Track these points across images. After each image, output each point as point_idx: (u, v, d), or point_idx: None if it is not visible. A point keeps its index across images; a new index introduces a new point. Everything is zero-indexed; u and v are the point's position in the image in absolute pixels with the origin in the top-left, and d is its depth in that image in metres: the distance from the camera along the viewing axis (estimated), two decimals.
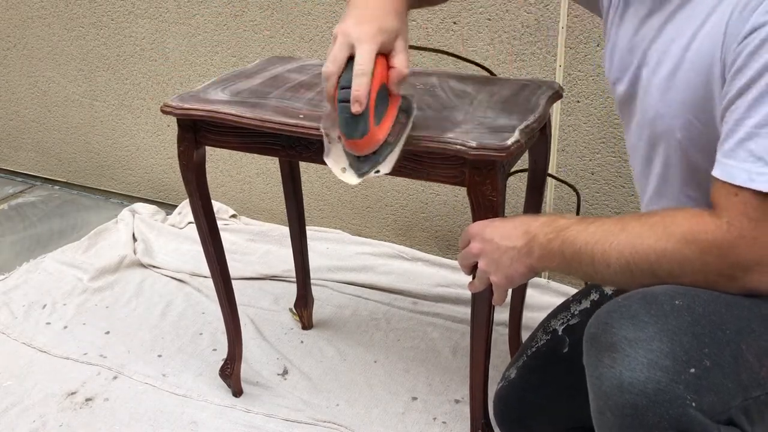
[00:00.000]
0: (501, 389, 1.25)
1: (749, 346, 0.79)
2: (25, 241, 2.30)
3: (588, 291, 1.23)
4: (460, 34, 1.81)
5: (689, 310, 0.80)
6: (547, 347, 1.20)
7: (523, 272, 0.97)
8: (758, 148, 0.74)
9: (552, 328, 1.21)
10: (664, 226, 0.82)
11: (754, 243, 0.76)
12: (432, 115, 1.11)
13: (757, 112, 0.74)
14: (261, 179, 2.29)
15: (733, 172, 0.76)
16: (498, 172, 1.02)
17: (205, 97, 1.23)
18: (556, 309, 1.25)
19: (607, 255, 0.85)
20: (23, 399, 1.57)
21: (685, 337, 0.77)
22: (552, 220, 0.94)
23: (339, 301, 1.91)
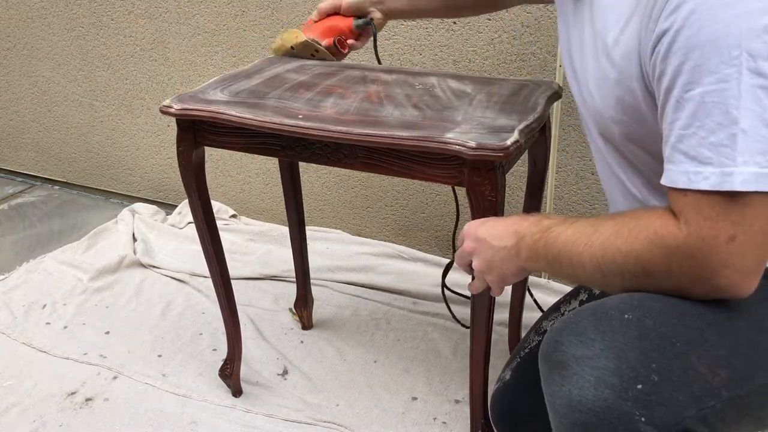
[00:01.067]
0: (496, 391, 1.25)
1: (701, 357, 0.79)
2: (25, 241, 2.30)
3: (577, 291, 1.24)
4: (460, 34, 1.81)
5: (638, 324, 0.80)
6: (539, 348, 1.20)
7: (514, 272, 0.97)
8: (689, 149, 0.75)
9: (543, 329, 1.22)
10: (630, 228, 0.82)
11: (715, 243, 0.75)
12: (431, 115, 1.11)
13: (680, 114, 0.75)
14: (261, 179, 2.29)
15: (675, 176, 0.77)
16: (497, 172, 1.02)
17: (204, 98, 1.23)
18: (549, 310, 1.26)
19: (582, 257, 0.85)
20: (23, 399, 1.57)
21: (632, 353, 0.77)
22: (539, 220, 0.94)
23: (339, 301, 1.91)
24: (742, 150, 0.72)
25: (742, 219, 0.74)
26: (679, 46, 0.74)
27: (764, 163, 0.72)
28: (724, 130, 0.72)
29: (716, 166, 0.73)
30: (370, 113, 1.13)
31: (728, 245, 0.74)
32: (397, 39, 1.89)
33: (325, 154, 1.15)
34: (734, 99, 0.71)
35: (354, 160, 1.13)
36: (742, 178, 0.72)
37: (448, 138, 1.02)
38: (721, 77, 0.72)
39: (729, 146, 0.72)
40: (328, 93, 1.23)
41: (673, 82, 0.76)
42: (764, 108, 0.71)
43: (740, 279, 0.76)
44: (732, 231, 0.74)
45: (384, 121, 1.09)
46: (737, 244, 0.74)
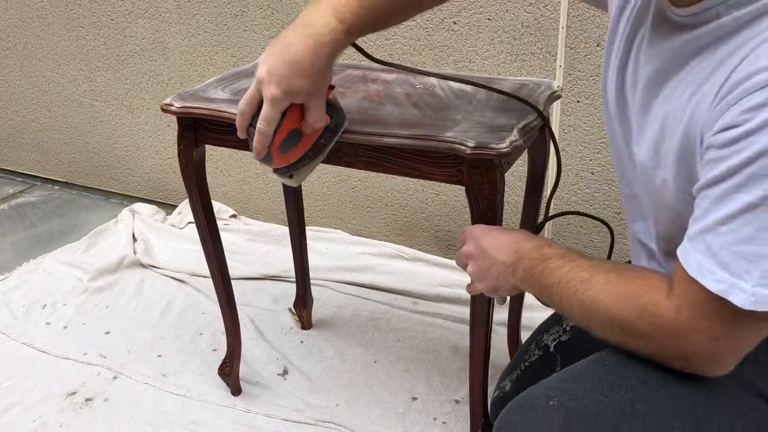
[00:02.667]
0: (497, 399, 1.25)
1: (635, 429, 0.80)
2: (25, 241, 2.30)
3: None
4: (460, 34, 1.81)
5: (562, 408, 0.82)
6: (540, 363, 1.20)
7: (508, 288, 0.98)
8: (714, 245, 0.73)
9: (544, 344, 1.21)
10: (620, 293, 0.82)
11: (699, 337, 0.76)
12: (431, 114, 1.11)
13: (721, 208, 0.73)
14: (261, 179, 2.29)
15: (690, 257, 0.76)
16: (496, 172, 1.02)
17: (205, 96, 1.23)
18: (549, 321, 1.25)
19: (571, 300, 0.86)
20: (23, 399, 1.57)
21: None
22: (541, 246, 0.94)
23: (339, 301, 1.91)
24: (764, 272, 0.71)
25: (731, 327, 0.74)
26: (746, 146, 0.70)
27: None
28: (754, 246, 0.71)
29: (732, 275, 0.72)
30: (370, 112, 1.13)
31: (711, 342, 0.75)
32: (397, 39, 1.89)
33: None
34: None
35: (353, 158, 1.13)
36: (753, 299, 0.71)
37: (447, 137, 1.02)
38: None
39: (753, 263, 0.71)
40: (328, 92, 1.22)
41: (725, 177, 0.72)
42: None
43: (715, 369, 0.78)
44: (719, 332, 0.75)
45: (384, 120, 1.09)
46: (719, 345, 0.75)
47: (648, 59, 0.88)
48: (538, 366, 1.19)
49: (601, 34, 1.65)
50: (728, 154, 0.72)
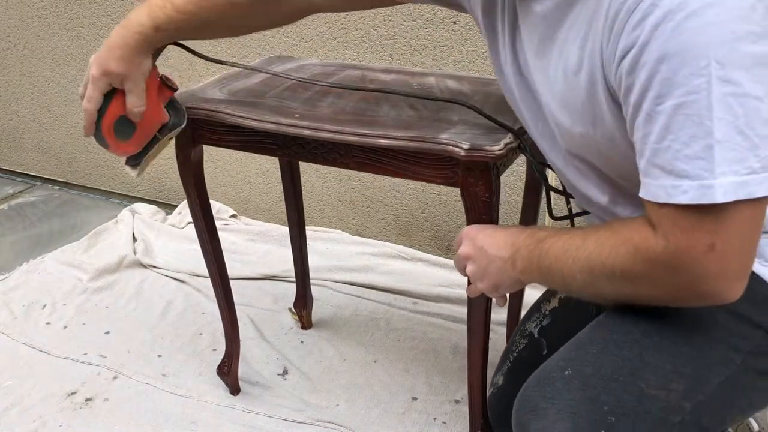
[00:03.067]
0: (492, 396, 1.26)
1: (648, 381, 0.81)
2: (25, 241, 2.30)
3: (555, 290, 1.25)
4: (460, 34, 1.81)
5: (579, 375, 0.83)
6: (527, 351, 1.21)
7: (509, 283, 0.97)
8: (664, 163, 0.74)
9: (528, 332, 1.22)
10: (611, 244, 0.82)
11: (694, 254, 0.75)
12: (427, 115, 1.11)
13: (652, 128, 0.74)
14: (261, 179, 2.29)
15: (652, 190, 0.76)
16: (491, 174, 1.02)
17: (203, 96, 1.23)
18: (530, 310, 1.26)
19: (571, 269, 0.86)
20: (23, 399, 1.57)
21: (582, 406, 0.80)
22: (534, 232, 0.94)
23: (339, 301, 1.91)
24: (719, 161, 0.71)
25: (718, 228, 0.73)
26: (646, 59, 0.73)
27: (742, 171, 0.71)
28: (698, 142, 0.71)
29: (694, 179, 0.72)
30: (366, 113, 1.13)
31: (707, 254, 0.74)
32: (397, 39, 1.89)
33: (321, 154, 1.15)
34: (706, 110, 0.70)
35: (349, 159, 1.13)
36: (722, 189, 0.71)
37: (442, 138, 1.02)
38: (691, 89, 0.71)
39: (705, 158, 0.71)
40: (326, 93, 1.23)
41: (642, 97, 0.75)
42: (737, 116, 0.70)
43: (725, 285, 0.76)
44: (710, 240, 0.74)
45: (379, 121, 1.09)
46: (717, 253, 0.74)
47: (529, 35, 0.91)
48: (526, 355, 1.21)
49: None
50: (636, 76, 0.74)
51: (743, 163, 0.71)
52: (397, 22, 1.87)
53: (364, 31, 1.92)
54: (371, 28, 1.91)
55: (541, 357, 1.18)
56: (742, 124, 0.70)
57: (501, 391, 1.23)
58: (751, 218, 0.74)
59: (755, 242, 0.77)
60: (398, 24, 1.87)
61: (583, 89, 0.83)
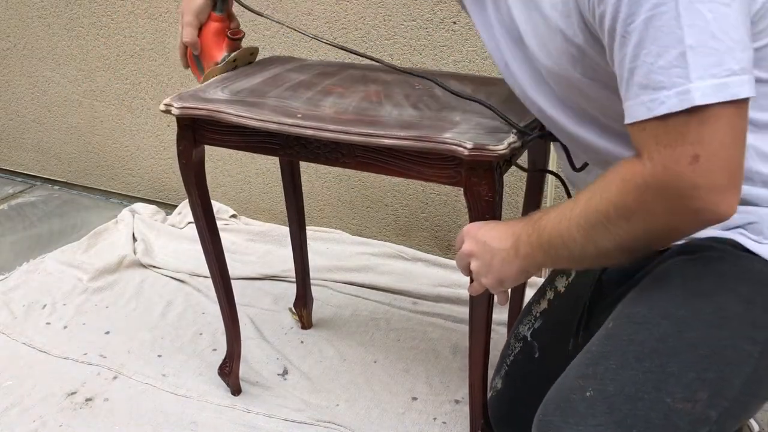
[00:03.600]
0: (491, 399, 1.26)
1: (674, 395, 0.79)
2: (25, 241, 2.30)
3: (543, 290, 1.24)
4: (460, 34, 1.81)
5: (602, 395, 0.81)
6: (522, 354, 1.21)
7: (514, 274, 0.97)
8: (641, 79, 0.73)
9: (522, 335, 1.22)
10: (601, 186, 0.82)
11: (678, 168, 0.73)
12: (429, 115, 1.11)
13: (627, 49, 0.74)
14: (261, 179, 2.30)
15: (634, 110, 0.76)
16: (494, 173, 1.02)
17: (205, 96, 1.23)
18: (523, 312, 1.26)
19: (570, 231, 0.85)
20: (23, 399, 1.57)
21: (609, 430, 0.78)
22: (530, 216, 0.94)
23: (339, 301, 1.91)
24: (694, 66, 0.70)
25: (701, 137, 0.72)
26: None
27: (721, 73, 0.70)
28: (671, 52, 0.71)
29: (671, 88, 0.71)
30: (368, 112, 1.13)
31: (692, 166, 0.73)
32: (397, 39, 1.89)
33: (323, 154, 1.15)
34: (675, 19, 0.70)
35: (352, 159, 1.13)
36: (700, 92, 0.70)
37: (445, 138, 1.02)
38: (659, 1, 0.71)
39: (680, 66, 0.71)
40: (328, 92, 1.23)
41: (614, 21, 0.75)
42: (707, 21, 0.70)
43: (715, 197, 0.74)
44: (692, 151, 0.72)
45: (382, 121, 1.09)
46: (701, 163, 0.72)
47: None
48: (521, 358, 1.21)
49: None
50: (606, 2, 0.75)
51: (722, 66, 0.70)
52: (397, 22, 1.87)
53: (364, 31, 1.92)
54: (371, 28, 1.91)
55: (533, 360, 1.19)
56: (715, 29, 0.70)
57: (500, 394, 1.24)
58: (734, 124, 0.73)
59: (741, 150, 0.75)
60: (398, 24, 1.87)
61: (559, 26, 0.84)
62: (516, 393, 1.22)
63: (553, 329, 1.17)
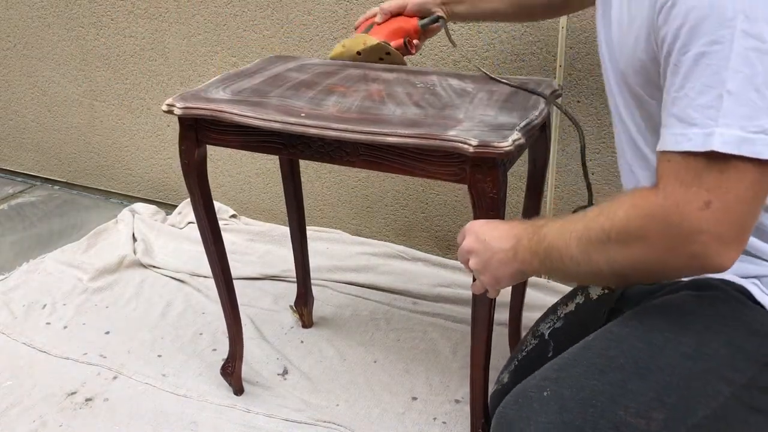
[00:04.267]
0: (495, 393, 1.25)
1: (627, 409, 0.79)
2: (25, 241, 2.30)
3: (574, 293, 1.24)
4: (460, 34, 1.81)
5: (556, 396, 0.82)
6: (536, 352, 1.20)
7: (510, 274, 0.97)
8: (679, 111, 0.74)
9: (540, 332, 1.22)
10: (612, 207, 0.82)
11: (688, 209, 0.73)
12: (433, 113, 1.11)
13: (675, 78, 0.74)
14: (261, 179, 2.29)
15: (665, 139, 0.76)
16: (499, 170, 1.03)
17: (207, 96, 1.23)
18: (546, 312, 1.26)
19: (569, 244, 0.85)
20: (23, 399, 1.57)
21: (556, 429, 0.79)
22: (535, 221, 0.95)
23: (339, 301, 1.91)
24: (726, 112, 0.70)
25: (718, 185, 0.72)
26: (678, 10, 0.73)
27: (749, 127, 0.70)
28: (711, 92, 0.71)
29: (701, 128, 0.71)
30: (371, 111, 1.13)
31: (702, 212, 0.73)
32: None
33: (327, 152, 1.16)
34: (724, 60, 0.70)
35: (356, 158, 1.14)
36: (722, 139, 0.70)
37: (450, 135, 1.02)
38: (715, 38, 0.70)
39: (714, 107, 0.70)
40: (330, 91, 1.23)
41: (671, 47, 0.75)
42: (755, 72, 0.70)
43: (716, 247, 0.74)
44: (706, 197, 0.72)
45: (386, 119, 1.09)
46: (712, 211, 0.72)
47: None
48: (533, 355, 1.20)
49: None
50: (668, 26, 0.75)
51: (753, 121, 0.70)
52: None
53: None
54: None
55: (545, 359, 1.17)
56: (760, 82, 0.70)
57: (504, 389, 1.23)
58: (754, 183, 0.72)
59: (755, 212, 0.75)
60: None
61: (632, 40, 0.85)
62: None
63: (572, 332, 1.16)
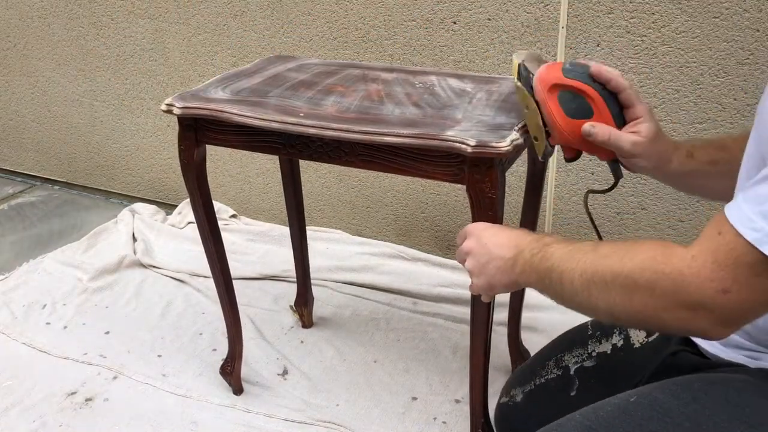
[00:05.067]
0: (505, 407, 1.22)
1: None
2: (25, 241, 2.30)
3: (610, 332, 1.16)
4: (460, 34, 1.81)
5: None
6: (556, 383, 1.16)
7: (505, 283, 0.96)
8: (763, 194, 0.71)
9: (564, 365, 1.17)
10: (629, 249, 0.80)
11: (707, 287, 0.73)
12: (431, 113, 1.11)
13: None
14: (261, 179, 2.29)
15: (734, 208, 0.73)
16: (497, 170, 1.03)
17: (206, 96, 1.23)
18: (573, 340, 1.20)
19: (573, 273, 0.84)
20: (23, 399, 1.57)
21: None
22: (541, 237, 0.93)
23: (339, 301, 1.91)
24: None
25: (748, 283, 0.71)
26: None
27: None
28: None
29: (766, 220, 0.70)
30: (370, 111, 1.13)
31: (719, 294, 0.72)
32: (397, 39, 1.89)
33: (326, 152, 1.15)
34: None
35: (354, 157, 1.13)
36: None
37: (448, 135, 1.02)
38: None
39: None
40: (329, 91, 1.23)
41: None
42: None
43: (716, 326, 0.75)
44: (730, 286, 0.72)
45: (384, 119, 1.09)
46: (728, 298, 0.72)
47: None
48: (553, 386, 1.16)
49: (601, 34, 1.65)
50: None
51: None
52: (397, 22, 1.87)
53: (364, 31, 1.92)
54: (371, 28, 1.91)
55: (566, 396, 1.13)
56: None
57: (516, 407, 1.20)
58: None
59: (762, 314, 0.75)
60: (398, 24, 1.87)
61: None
62: (535, 413, 1.16)
63: (602, 378, 1.11)
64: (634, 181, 1.74)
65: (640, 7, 1.59)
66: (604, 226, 1.82)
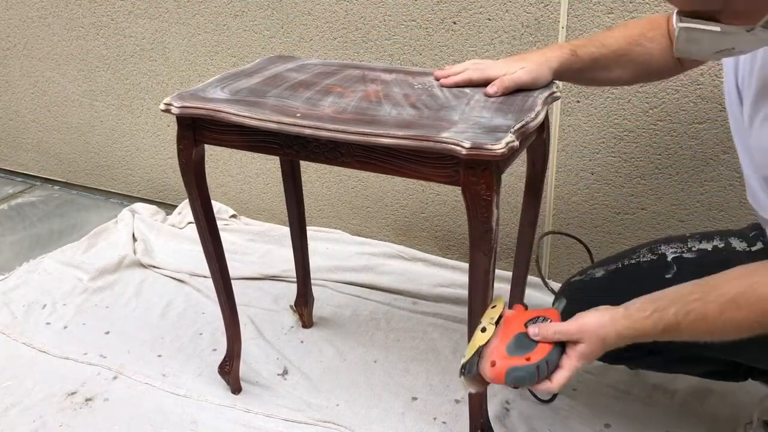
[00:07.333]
0: (580, 282, 1.22)
1: None
2: (25, 241, 2.30)
3: (711, 235, 1.19)
4: (460, 34, 1.81)
5: None
6: (649, 265, 1.17)
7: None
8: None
9: (661, 252, 1.18)
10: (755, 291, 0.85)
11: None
12: (428, 114, 1.11)
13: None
14: (261, 179, 2.30)
15: None
16: (492, 172, 1.02)
17: (205, 96, 1.23)
18: (667, 238, 1.21)
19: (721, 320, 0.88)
20: (23, 399, 1.57)
21: None
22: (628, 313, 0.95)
23: (339, 301, 1.91)
24: None
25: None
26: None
27: None
28: None
29: None
30: (367, 112, 1.13)
31: None
32: (397, 39, 1.89)
33: (323, 153, 1.15)
34: None
35: (350, 158, 1.13)
36: None
37: (443, 137, 1.02)
38: None
39: None
40: (328, 92, 1.23)
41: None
42: None
43: None
44: None
45: (381, 120, 1.09)
46: None
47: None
48: (645, 267, 1.17)
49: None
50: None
51: None
52: (397, 22, 1.87)
53: (364, 31, 1.92)
54: (371, 28, 1.91)
55: (661, 277, 1.14)
56: None
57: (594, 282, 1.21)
58: None
59: None
60: (398, 24, 1.87)
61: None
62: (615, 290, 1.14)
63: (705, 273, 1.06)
64: (634, 181, 1.74)
65: (640, 7, 1.59)
66: (604, 226, 1.82)
